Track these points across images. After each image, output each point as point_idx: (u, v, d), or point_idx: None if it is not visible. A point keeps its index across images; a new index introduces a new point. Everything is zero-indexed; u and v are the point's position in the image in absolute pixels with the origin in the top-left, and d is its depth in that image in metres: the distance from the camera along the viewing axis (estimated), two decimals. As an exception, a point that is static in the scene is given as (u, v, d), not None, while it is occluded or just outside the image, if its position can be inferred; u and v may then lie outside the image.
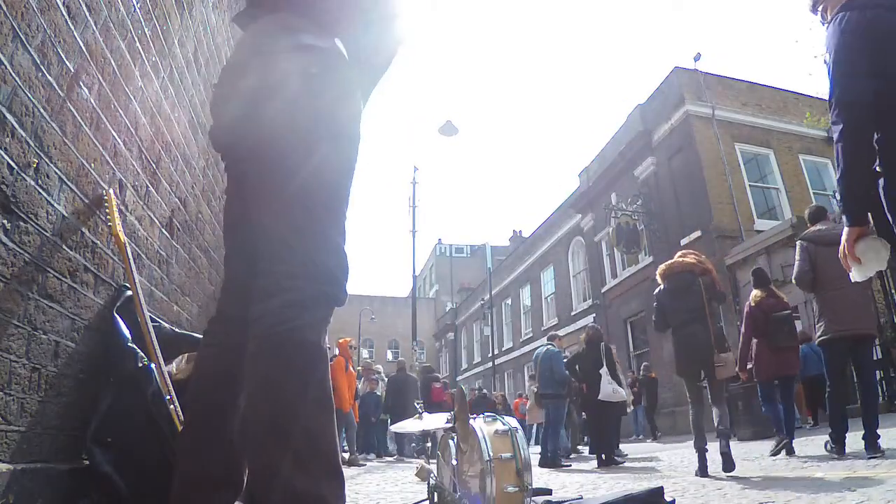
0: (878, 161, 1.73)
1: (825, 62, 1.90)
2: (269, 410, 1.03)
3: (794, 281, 4.19)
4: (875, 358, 7.54)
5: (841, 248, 1.82)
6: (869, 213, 1.80)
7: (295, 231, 1.11)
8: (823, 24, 2.06)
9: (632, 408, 8.88)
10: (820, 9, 2.08)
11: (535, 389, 7.01)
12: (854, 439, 3.87)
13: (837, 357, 3.93)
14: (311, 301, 1.09)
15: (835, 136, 1.78)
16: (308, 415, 1.04)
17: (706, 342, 3.84)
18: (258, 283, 1.12)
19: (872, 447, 3.57)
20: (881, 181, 1.72)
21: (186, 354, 1.92)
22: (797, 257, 4.11)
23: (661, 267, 4.26)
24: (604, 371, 6.20)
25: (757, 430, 7.31)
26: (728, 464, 3.72)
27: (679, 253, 4.37)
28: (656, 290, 4.24)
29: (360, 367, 10.85)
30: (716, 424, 3.83)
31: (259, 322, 1.07)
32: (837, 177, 1.79)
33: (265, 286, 1.09)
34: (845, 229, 1.80)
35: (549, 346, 6.92)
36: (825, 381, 4.07)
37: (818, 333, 3.97)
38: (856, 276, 1.85)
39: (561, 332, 12.42)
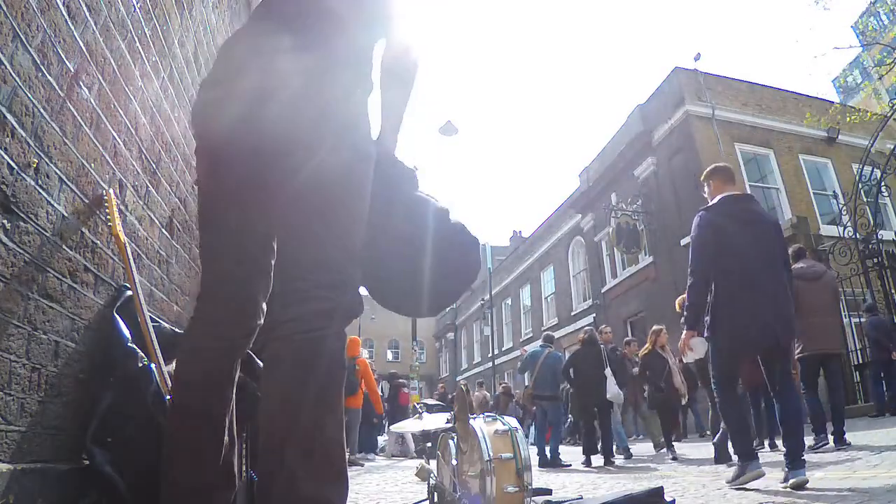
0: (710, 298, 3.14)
1: (691, 240, 3.27)
2: (289, 415, 1.03)
3: None
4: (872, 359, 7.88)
5: (681, 341, 3.23)
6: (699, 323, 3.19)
7: (331, 242, 1.13)
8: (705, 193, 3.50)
9: (686, 398, 8.68)
10: (705, 188, 3.46)
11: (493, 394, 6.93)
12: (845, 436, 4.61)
13: (810, 369, 4.98)
14: (340, 311, 1.11)
15: (688, 283, 3.18)
16: (325, 421, 1.05)
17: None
18: (286, 287, 1.12)
19: (840, 441, 4.54)
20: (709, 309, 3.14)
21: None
22: None
23: (680, 299, 5.14)
24: (608, 372, 6.31)
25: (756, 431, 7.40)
26: (718, 456, 4.65)
27: None
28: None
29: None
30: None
31: (286, 326, 1.08)
32: (685, 305, 3.26)
33: (296, 291, 1.09)
34: (685, 331, 3.20)
35: (550, 350, 6.94)
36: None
37: (797, 350, 4.83)
38: (688, 358, 3.42)
39: (561, 332, 12.41)
